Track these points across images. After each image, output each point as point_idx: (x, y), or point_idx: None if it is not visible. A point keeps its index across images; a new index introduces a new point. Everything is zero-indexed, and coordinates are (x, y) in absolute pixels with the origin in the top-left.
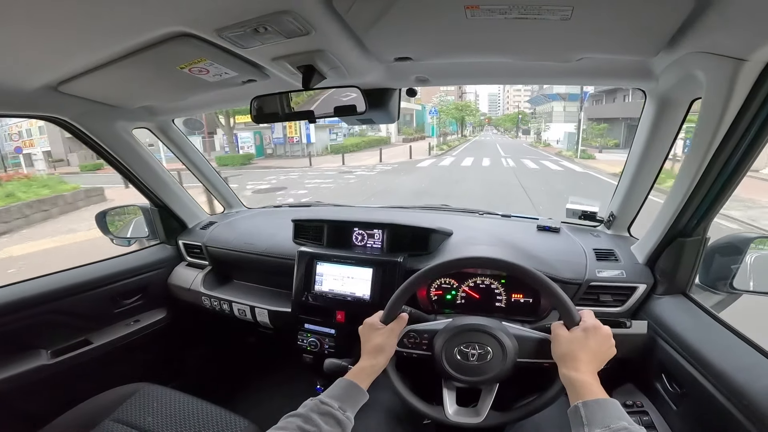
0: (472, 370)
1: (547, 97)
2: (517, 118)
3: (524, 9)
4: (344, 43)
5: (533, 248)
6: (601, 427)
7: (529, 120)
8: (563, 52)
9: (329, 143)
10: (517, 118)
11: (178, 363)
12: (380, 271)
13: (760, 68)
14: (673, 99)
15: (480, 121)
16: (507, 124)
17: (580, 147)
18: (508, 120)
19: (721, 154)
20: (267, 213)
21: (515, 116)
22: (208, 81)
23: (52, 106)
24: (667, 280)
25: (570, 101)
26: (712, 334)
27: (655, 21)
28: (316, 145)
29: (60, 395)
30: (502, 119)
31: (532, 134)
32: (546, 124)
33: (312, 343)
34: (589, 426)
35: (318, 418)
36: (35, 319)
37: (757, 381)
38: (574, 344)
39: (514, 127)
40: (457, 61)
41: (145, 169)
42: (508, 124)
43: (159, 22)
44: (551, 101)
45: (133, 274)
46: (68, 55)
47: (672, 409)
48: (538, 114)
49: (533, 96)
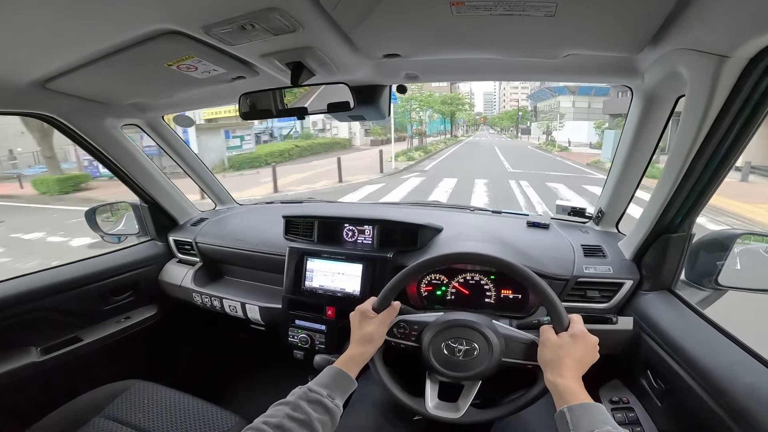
0: (458, 365)
1: (553, 91)
2: (516, 116)
3: (509, 5)
4: (332, 39)
5: (522, 244)
6: (587, 431)
7: (529, 118)
8: (549, 48)
9: (228, 153)
10: (516, 115)
11: (170, 360)
12: (370, 266)
13: (743, 65)
14: (658, 96)
15: (475, 120)
16: (504, 123)
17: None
18: (506, 118)
19: (705, 151)
20: (258, 209)
21: (514, 113)
22: (196, 78)
23: (39, 103)
24: (653, 276)
25: (580, 95)
26: (696, 330)
27: (639, 17)
28: (210, 156)
29: (50, 392)
30: (499, 117)
31: (534, 134)
32: (559, 122)
33: (303, 339)
34: (575, 430)
35: (307, 406)
36: (24, 316)
37: (739, 379)
38: (562, 350)
39: (512, 126)
40: (446, 57)
41: (134, 166)
42: (506, 123)
43: (145, 19)
44: (557, 95)
45: (123, 271)
46: (56, 51)
47: (657, 406)
48: (540, 111)
49: (534, 92)
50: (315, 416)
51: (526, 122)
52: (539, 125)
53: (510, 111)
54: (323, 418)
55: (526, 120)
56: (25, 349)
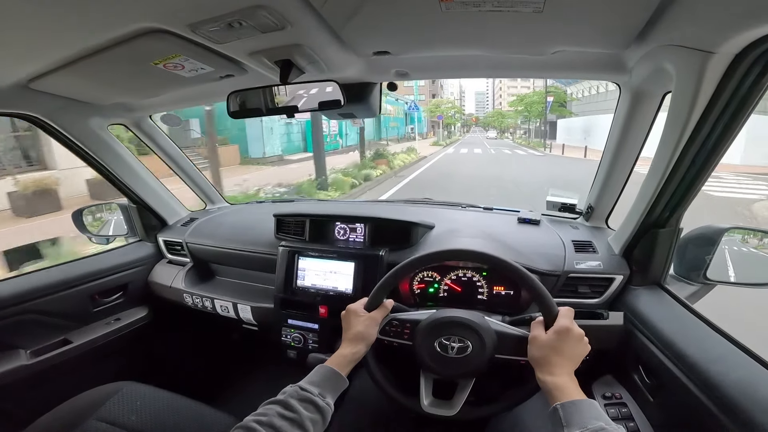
0: (451, 363)
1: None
2: (542, 103)
3: (497, 2)
4: (321, 37)
5: (513, 240)
6: (579, 428)
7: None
8: (538, 45)
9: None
10: (542, 102)
11: (161, 361)
12: (362, 264)
13: (728, 61)
14: (645, 92)
15: (465, 121)
16: (508, 121)
17: None
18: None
19: (692, 146)
20: (249, 209)
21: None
22: (184, 76)
23: (22, 103)
24: (642, 270)
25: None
26: (686, 325)
27: (625, 14)
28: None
29: (41, 395)
30: (498, 114)
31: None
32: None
33: (296, 338)
34: (568, 427)
35: (298, 405)
36: (12, 319)
37: (729, 373)
38: (548, 349)
39: (528, 122)
40: (436, 54)
41: (121, 166)
42: (511, 120)
43: (130, 17)
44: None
45: (113, 272)
46: (39, 51)
47: (649, 401)
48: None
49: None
50: (306, 415)
51: (553, 115)
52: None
53: (529, 95)
54: (314, 416)
55: (559, 111)
56: (14, 352)
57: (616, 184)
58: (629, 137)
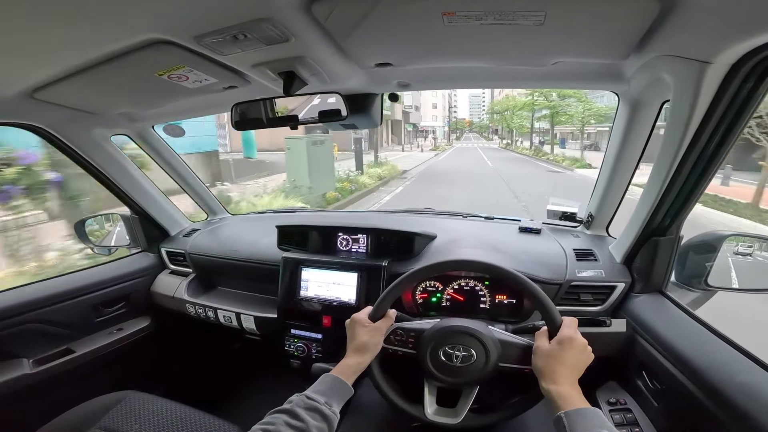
0: (455, 371)
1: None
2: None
3: (499, 15)
4: (324, 49)
5: (515, 250)
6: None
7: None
8: (539, 56)
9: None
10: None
11: (164, 370)
12: (365, 275)
13: (725, 70)
14: (644, 101)
15: (457, 125)
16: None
17: None
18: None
19: (691, 155)
20: (251, 219)
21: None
22: (188, 87)
23: (27, 113)
24: (644, 278)
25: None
26: (688, 330)
27: (624, 25)
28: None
29: (44, 405)
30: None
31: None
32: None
33: (299, 348)
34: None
35: (304, 413)
36: (15, 328)
37: (733, 377)
38: (551, 359)
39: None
40: (437, 66)
41: (123, 177)
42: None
43: (136, 29)
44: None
45: (115, 283)
46: (44, 61)
47: (654, 406)
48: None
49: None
50: (312, 423)
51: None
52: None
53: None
54: (321, 425)
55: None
56: (17, 362)
57: (616, 192)
58: (628, 146)
